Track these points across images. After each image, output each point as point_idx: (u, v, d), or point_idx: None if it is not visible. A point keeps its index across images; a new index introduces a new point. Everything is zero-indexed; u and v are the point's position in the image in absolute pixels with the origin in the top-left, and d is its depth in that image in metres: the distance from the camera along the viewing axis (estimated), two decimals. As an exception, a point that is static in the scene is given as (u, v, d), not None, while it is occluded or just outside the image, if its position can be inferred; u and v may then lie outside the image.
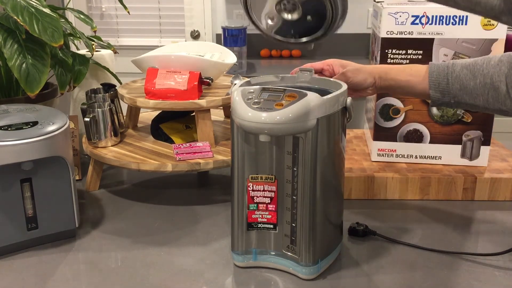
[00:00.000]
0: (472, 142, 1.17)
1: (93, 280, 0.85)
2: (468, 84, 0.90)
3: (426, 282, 0.85)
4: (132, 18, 3.30)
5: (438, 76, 0.93)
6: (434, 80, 0.93)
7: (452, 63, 0.93)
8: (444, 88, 0.93)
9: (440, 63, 0.94)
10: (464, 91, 0.91)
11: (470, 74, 0.91)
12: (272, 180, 0.84)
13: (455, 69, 0.92)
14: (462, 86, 0.91)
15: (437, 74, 0.93)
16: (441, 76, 0.93)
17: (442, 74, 0.93)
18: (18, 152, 0.87)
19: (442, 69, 0.93)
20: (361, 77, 0.97)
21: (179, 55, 1.20)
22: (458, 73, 0.92)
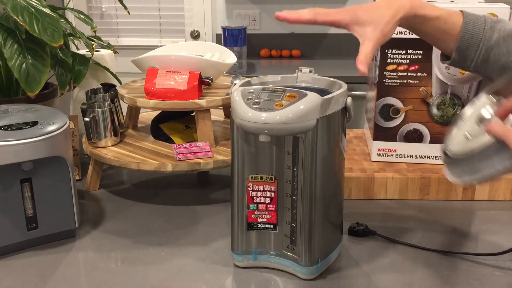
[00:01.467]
0: (472, 142, 1.17)
1: (93, 280, 0.85)
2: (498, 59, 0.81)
3: (426, 282, 0.85)
4: (132, 18, 3.30)
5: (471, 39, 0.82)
6: (465, 42, 0.83)
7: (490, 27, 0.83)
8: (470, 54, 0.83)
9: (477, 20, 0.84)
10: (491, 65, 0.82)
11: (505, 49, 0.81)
12: (272, 180, 0.84)
13: (491, 36, 0.82)
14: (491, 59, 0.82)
15: (470, 37, 0.82)
16: (473, 40, 0.82)
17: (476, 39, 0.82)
18: (18, 152, 0.87)
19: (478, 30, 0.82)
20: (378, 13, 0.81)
21: (179, 55, 1.20)
22: (493, 44, 0.82)
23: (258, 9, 3.21)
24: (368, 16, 0.79)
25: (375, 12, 0.80)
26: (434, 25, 0.83)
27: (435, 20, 0.83)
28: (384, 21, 0.79)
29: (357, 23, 0.79)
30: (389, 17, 0.79)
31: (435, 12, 0.83)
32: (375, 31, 0.79)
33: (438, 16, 0.83)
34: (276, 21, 3.22)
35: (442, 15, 0.83)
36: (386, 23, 0.79)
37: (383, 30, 0.79)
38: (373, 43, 0.79)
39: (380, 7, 0.81)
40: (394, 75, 1.15)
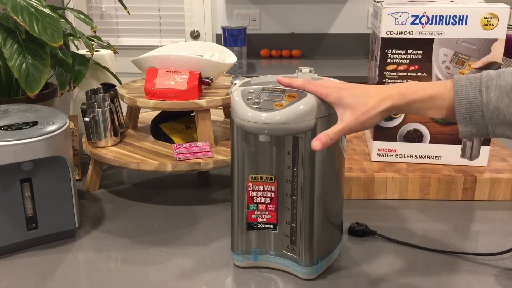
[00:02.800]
0: (472, 142, 1.17)
1: (93, 280, 0.85)
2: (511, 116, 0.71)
3: (426, 282, 0.85)
4: (132, 18, 3.30)
5: (469, 106, 0.73)
6: (464, 113, 0.74)
7: (487, 87, 0.72)
8: (478, 122, 0.73)
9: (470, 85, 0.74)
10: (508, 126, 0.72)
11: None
12: (272, 180, 0.84)
13: (491, 97, 0.72)
14: (503, 121, 0.72)
15: (467, 104, 0.73)
16: (472, 107, 0.73)
17: (474, 104, 0.73)
18: (18, 152, 0.87)
19: (474, 95, 0.73)
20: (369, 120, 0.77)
21: (179, 55, 1.20)
22: (497, 104, 0.71)
23: (258, 9, 3.21)
24: (350, 100, 0.76)
25: (359, 98, 0.77)
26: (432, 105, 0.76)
27: (432, 100, 0.76)
28: (363, 109, 0.76)
29: (340, 103, 0.77)
30: (369, 107, 0.76)
31: (429, 92, 0.76)
32: (351, 117, 0.76)
33: (433, 95, 0.76)
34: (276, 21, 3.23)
35: (438, 93, 0.76)
36: (364, 112, 0.75)
37: (359, 118, 0.76)
38: (343, 127, 0.76)
39: (366, 94, 0.77)
40: (394, 75, 1.16)
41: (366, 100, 0.76)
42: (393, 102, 0.76)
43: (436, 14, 1.10)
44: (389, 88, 0.78)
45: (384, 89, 0.78)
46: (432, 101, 0.76)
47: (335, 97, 0.77)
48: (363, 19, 3.18)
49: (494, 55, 1.11)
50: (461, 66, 1.13)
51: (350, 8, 3.18)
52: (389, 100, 0.76)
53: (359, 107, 0.76)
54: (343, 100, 0.77)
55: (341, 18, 3.19)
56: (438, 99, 0.76)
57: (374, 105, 0.76)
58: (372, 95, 0.77)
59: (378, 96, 0.76)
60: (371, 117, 0.76)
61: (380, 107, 0.76)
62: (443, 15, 1.10)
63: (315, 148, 0.75)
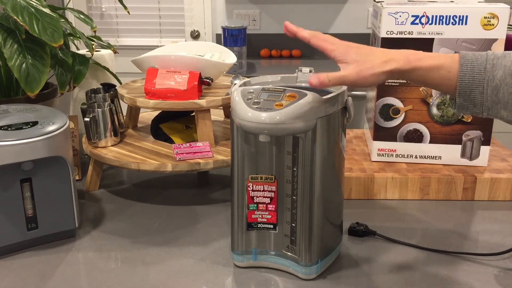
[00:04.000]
0: (472, 142, 1.17)
1: (93, 280, 0.85)
2: (509, 99, 0.72)
3: (426, 282, 0.85)
4: (132, 18, 3.30)
5: (471, 81, 0.73)
6: (465, 86, 0.74)
7: (492, 65, 0.73)
8: (476, 98, 0.74)
9: (476, 60, 0.74)
10: (504, 106, 0.73)
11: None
12: (272, 180, 0.84)
13: (495, 75, 0.72)
14: (502, 100, 0.72)
15: (470, 78, 0.73)
16: (475, 82, 0.73)
17: (477, 80, 0.73)
18: (18, 152, 0.87)
19: (478, 71, 0.73)
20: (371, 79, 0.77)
21: (179, 55, 1.20)
22: (499, 82, 0.72)
23: (258, 9, 3.21)
24: (356, 56, 0.77)
25: (365, 55, 0.77)
26: (437, 75, 0.76)
27: (437, 69, 0.76)
28: (368, 65, 0.76)
29: (345, 58, 0.77)
30: (374, 64, 0.76)
31: (436, 61, 0.76)
32: (354, 69, 0.76)
33: (439, 64, 0.76)
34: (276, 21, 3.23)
35: (444, 63, 0.76)
36: (368, 68, 0.76)
37: (362, 72, 0.76)
38: (344, 75, 0.75)
39: (373, 53, 0.77)
40: (394, 75, 1.15)
41: (372, 58, 0.77)
42: (398, 65, 0.76)
43: (436, 14, 1.10)
44: (395, 52, 0.78)
45: (391, 52, 0.78)
46: (437, 71, 0.76)
47: (341, 52, 0.77)
48: (363, 19, 3.18)
49: (494, 55, 1.11)
50: (461, 66, 1.13)
51: (350, 8, 3.18)
52: (394, 62, 0.76)
53: (364, 63, 0.76)
54: (348, 55, 0.77)
55: (341, 18, 3.19)
56: (443, 70, 0.76)
57: (379, 64, 0.76)
58: (378, 55, 0.77)
59: (384, 57, 0.77)
60: (374, 75, 0.76)
61: (385, 67, 0.76)
62: (443, 15, 1.10)
63: (311, 82, 0.74)
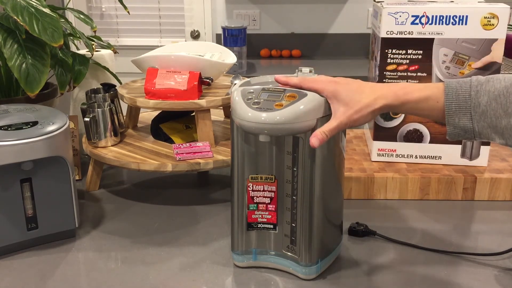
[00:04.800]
0: (472, 142, 1.17)
1: (93, 280, 0.85)
2: (499, 123, 0.72)
3: (426, 282, 0.85)
4: (132, 18, 3.30)
5: (458, 109, 0.75)
6: (453, 114, 0.75)
7: (476, 92, 0.74)
8: (466, 125, 0.75)
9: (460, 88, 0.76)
10: (493, 130, 0.73)
11: (501, 110, 0.72)
12: (272, 180, 0.84)
13: (480, 101, 0.73)
14: (490, 125, 0.73)
15: (457, 107, 0.75)
16: (461, 110, 0.74)
17: (463, 107, 0.74)
18: (18, 152, 0.87)
19: (463, 99, 0.74)
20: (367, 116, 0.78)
21: (179, 55, 1.20)
22: (485, 108, 0.73)
23: (258, 9, 3.21)
24: (345, 96, 0.77)
25: (354, 95, 0.77)
26: (426, 106, 0.77)
27: (426, 101, 0.77)
28: (357, 107, 0.77)
29: (335, 98, 0.78)
30: (363, 105, 0.77)
31: (423, 93, 0.77)
32: (345, 114, 0.77)
33: (427, 96, 0.77)
34: (276, 21, 3.23)
35: (431, 94, 0.77)
36: (357, 110, 0.76)
37: (352, 116, 0.77)
38: (337, 124, 0.76)
39: (361, 91, 0.78)
40: (394, 75, 1.16)
41: (360, 97, 0.77)
42: (386, 101, 0.77)
43: (436, 14, 1.10)
44: (383, 87, 0.79)
45: (379, 88, 0.79)
46: (425, 102, 0.77)
47: (331, 91, 0.78)
48: (363, 19, 3.18)
49: (494, 55, 1.11)
50: (461, 66, 1.13)
51: (350, 8, 3.18)
52: (382, 99, 0.77)
53: (353, 105, 0.77)
54: (338, 95, 0.78)
55: (341, 18, 3.19)
56: (431, 101, 0.77)
57: (368, 103, 0.77)
58: (366, 93, 0.78)
59: (373, 95, 0.78)
60: (363, 115, 0.77)
61: (373, 106, 0.77)
62: (443, 15, 1.10)
63: (314, 145, 0.76)
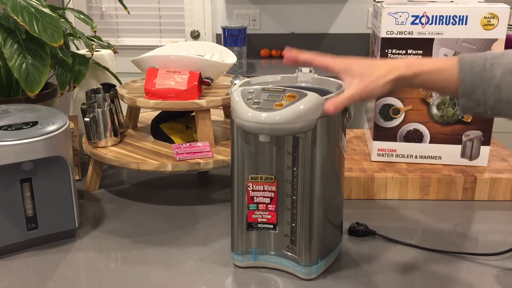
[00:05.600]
0: (472, 142, 1.17)
1: (93, 280, 0.85)
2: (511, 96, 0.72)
3: (426, 282, 0.85)
4: (132, 18, 3.30)
5: (472, 81, 0.75)
6: (467, 86, 0.75)
7: (491, 64, 0.74)
8: (479, 98, 0.75)
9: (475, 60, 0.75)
10: (507, 104, 0.73)
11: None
12: (272, 180, 0.84)
13: (495, 74, 0.73)
14: (504, 98, 0.73)
15: (471, 78, 0.75)
16: (476, 82, 0.74)
17: (478, 79, 0.74)
18: (18, 152, 0.87)
19: (478, 71, 0.75)
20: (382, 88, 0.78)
21: (179, 55, 1.20)
22: (499, 81, 0.73)
23: (258, 9, 3.21)
24: (359, 70, 0.79)
25: (368, 68, 0.79)
26: (439, 78, 0.78)
27: (439, 72, 0.77)
28: (373, 77, 0.78)
29: (348, 73, 0.79)
30: (378, 75, 0.78)
31: (437, 64, 0.78)
32: (360, 84, 0.78)
33: (441, 67, 0.77)
34: (276, 21, 3.23)
35: (446, 66, 0.77)
36: (373, 80, 0.77)
37: (368, 86, 0.77)
38: (353, 93, 0.77)
39: (375, 65, 0.79)
40: (394, 75, 1.15)
41: (374, 70, 0.79)
42: (400, 72, 0.78)
43: (436, 14, 1.10)
44: (397, 60, 0.80)
45: (392, 61, 0.80)
46: (439, 74, 0.78)
47: (343, 65, 0.79)
48: (363, 19, 3.18)
49: (494, 55, 1.11)
50: (461, 66, 1.13)
51: (350, 8, 3.18)
52: (396, 70, 0.78)
53: (368, 76, 0.78)
54: (351, 69, 0.79)
55: (341, 18, 3.19)
56: (445, 72, 0.77)
57: (383, 74, 0.78)
58: (380, 65, 0.79)
59: (386, 67, 0.79)
60: (379, 86, 0.78)
61: (388, 77, 0.78)
62: (443, 15, 1.10)
63: (328, 110, 0.76)
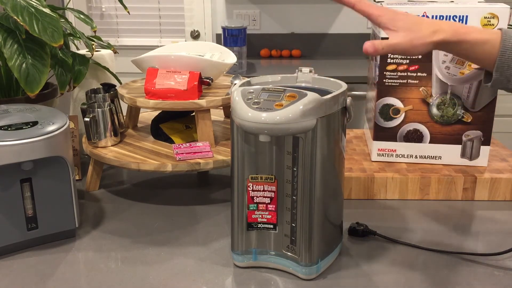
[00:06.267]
0: (472, 142, 1.17)
1: (93, 280, 0.85)
2: None
3: (426, 282, 0.85)
4: (132, 18, 3.30)
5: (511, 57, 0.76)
6: (504, 61, 0.76)
7: None
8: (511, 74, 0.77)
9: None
10: None
11: None
12: (272, 180, 0.84)
13: None
14: None
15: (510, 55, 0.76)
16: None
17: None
18: (18, 152, 0.87)
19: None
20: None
21: (179, 55, 1.20)
22: None
23: (258, 9, 3.21)
24: (405, 24, 0.77)
25: (414, 24, 0.78)
26: (481, 49, 0.78)
27: (482, 44, 0.78)
28: (419, 34, 0.77)
29: (393, 25, 0.77)
30: (425, 34, 0.77)
31: (483, 36, 0.78)
32: (405, 38, 0.77)
33: (485, 39, 0.77)
34: (276, 21, 3.23)
35: (490, 39, 0.77)
36: (419, 37, 0.77)
37: (413, 41, 0.77)
38: (397, 43, 0.76)
39: (421, 22, 0.78)
40: (394, 75, 1.16)
41: (421, 27, 0.78)
42: (446, 35, 0.78)
43: (436, 14, 1.10)
44: (444, 22, 0.79)
45: (439, 22, 0.79)
46: (482, 46, 0.78)
47: (389, 18, 0.78)
48: (363, 19, 3.18)
49: (494, 55, 1.11)
50: (461, 66, 1.13)
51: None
52: (442, 33, 0.78)
53: (414, 31, 0.77)
54: (397, 22, 0.78)
55: (341, 18, 3.19)
56: (488, 45, 0.77)
57: (429, 33, 0.77)
58: (426, 24, 0.78)
59: (433, 27, 0.78)
60: (424, 44, 0.77)
61: (433, 37, 0.77)
62: (443, 15, 1.10)
63: (367, 49, 0.75)
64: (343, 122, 0.84)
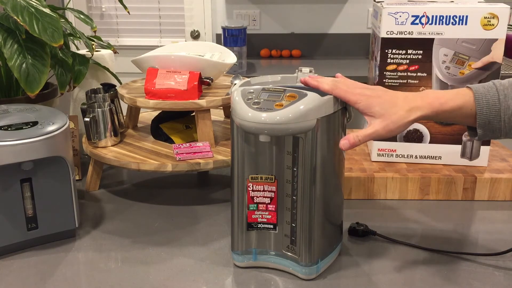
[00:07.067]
0: (472, 142, 1.17)
1: (93, 280, 0.85)
2: None
3: (426, 282, 0.85)
4: (132, 18, 3.30)
5: (488, 113, 0.79)
6: (484, 119, 0.79)
7: (504, 95, 0.79)
8: (495, 127, 0.79)
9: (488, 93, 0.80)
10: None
11: None
12: (272, 180, 0.84)
13: (509, 104, 0.78)
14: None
15: (487, 111, 0.78)
16: (491, 114, 0.79)
17: (494, 111, 0.78)
18: (18, 152, 0.87)
19: (493, 103, 0.79)
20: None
21: (179, 55, 1.20)
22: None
23: (258, 9, 3.21)
24: (380, 109, 0.79)
25: (388, 107, 0.79)
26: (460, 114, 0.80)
27: (459, 110, 0.80)
28: (393, 119, 0.78)
29: (369, 111, 0.79)
30: (399, 117, 0.78)
31: (457, 102, 0.80)
32: (381, 124, 0.78)
33: (460, 105, 0.79)
34: (276, 21, 3.23)
35: (464, 103, 0.80)
36: (393, 121, 0.78)
37: (388, 126, 0.78)
38: (373, 132, 0.78)
39: (395, 104, 0.79)
40: (394, 75, 1.16)
41: (396, 110, 0.79)
42: (422, 112, 0.79)
43: (436, 14, 1.10)
44: (416, 98, 0.80)
45: (412, 99, 0.80)
46: (459, 111, 0.80)
47: (364, 105, 0.79)
48: (363, 19, 3.18)
49: (494, 55, 1.11)
50: (461, 66, 1.13)
51: (350, 8, 3.18)
52: (418, 110, 0.79)
53: (389, 116, 0.79)
54: (372, 108, 0.79)
55: (341, 18, 3.19)
56: (465, 109, 0.80)
57: (404, 115, 0.79)
58: (401, 105, 0.79)
59: (407, 106, 0.79)
60: (400, 126, 0.79)
61: (409, 117, 0.79)
62: (443, 15, 1.10)
63: (343, 147, 0.78)
64: (343, 122, 0.84)
